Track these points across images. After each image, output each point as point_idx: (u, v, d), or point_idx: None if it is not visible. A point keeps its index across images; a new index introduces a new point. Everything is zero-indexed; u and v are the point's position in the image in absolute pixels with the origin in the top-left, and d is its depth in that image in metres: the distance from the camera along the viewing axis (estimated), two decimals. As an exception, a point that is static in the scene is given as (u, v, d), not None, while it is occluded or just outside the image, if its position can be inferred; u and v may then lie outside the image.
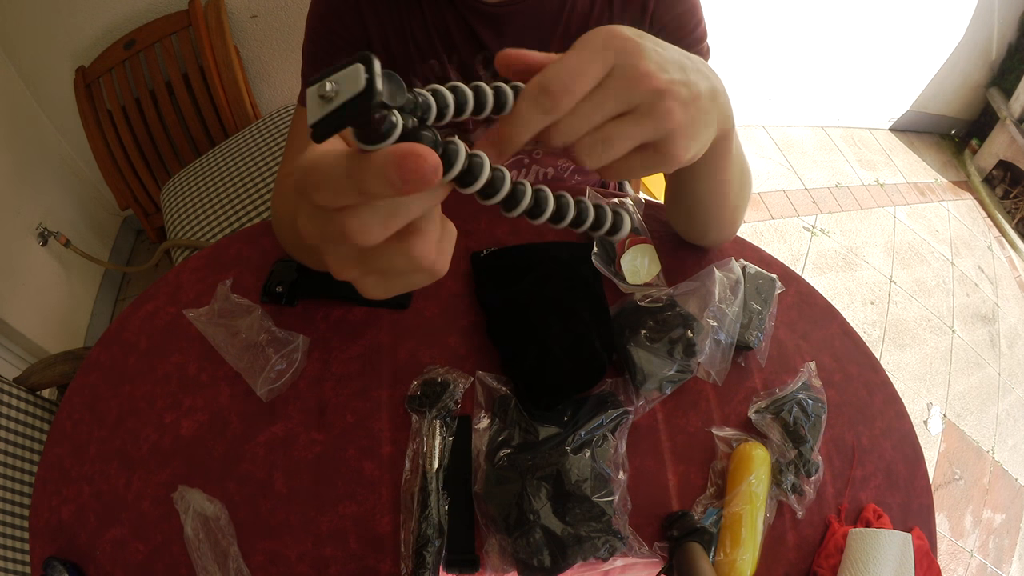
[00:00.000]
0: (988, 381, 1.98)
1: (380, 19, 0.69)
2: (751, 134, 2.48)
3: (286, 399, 0.67)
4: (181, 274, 0.76)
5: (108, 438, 0.65)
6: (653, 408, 0.68)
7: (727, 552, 0.60)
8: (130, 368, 0.69)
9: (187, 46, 1.38)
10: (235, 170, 1.37)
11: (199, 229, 1.30)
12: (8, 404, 0.89)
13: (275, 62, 1.60)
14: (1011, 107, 2.40)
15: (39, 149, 1.54)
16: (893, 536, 0.60)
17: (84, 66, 1.39)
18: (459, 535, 0.60)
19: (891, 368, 1.88)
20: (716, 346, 0.69)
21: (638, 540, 0.60)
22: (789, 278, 0.79)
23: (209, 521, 0.59)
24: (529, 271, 0.73)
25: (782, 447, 0.65)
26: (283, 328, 0.68)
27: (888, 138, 2.72)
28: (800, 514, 0.64)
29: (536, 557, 0.57)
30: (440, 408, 0.65)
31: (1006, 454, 1.83)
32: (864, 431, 0.70)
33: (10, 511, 0.84)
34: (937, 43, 2.39)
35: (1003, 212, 2.49)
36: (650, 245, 0.75)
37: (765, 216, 2.20)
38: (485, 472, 0.62)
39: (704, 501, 0.63)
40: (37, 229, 1.47)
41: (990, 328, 2.13)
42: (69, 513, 0.61)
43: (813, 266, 2.09)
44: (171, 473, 0.63)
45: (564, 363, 0.65)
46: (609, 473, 0.62)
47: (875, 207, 2.36)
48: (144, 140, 1.48)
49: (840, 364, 0.75)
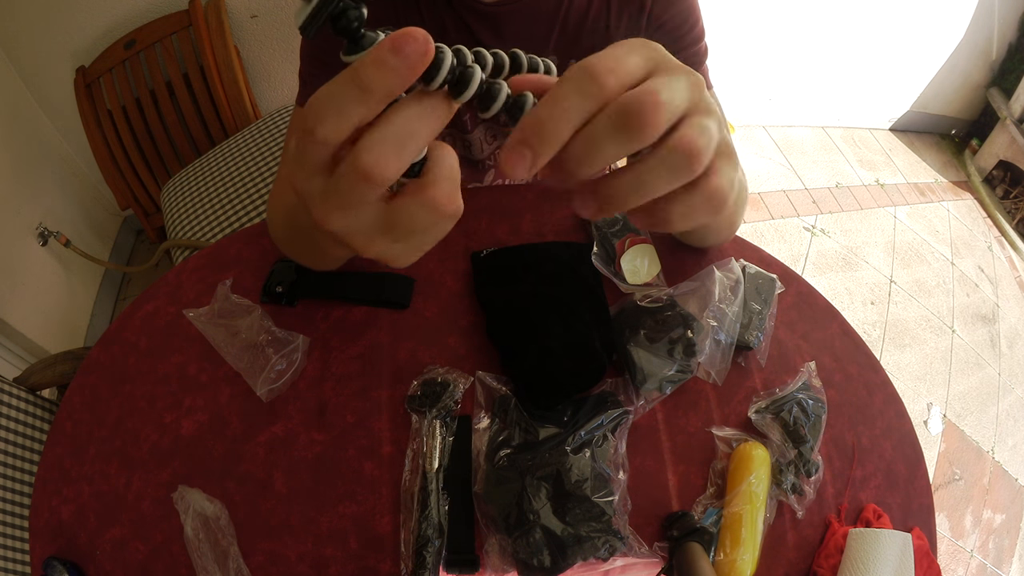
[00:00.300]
0: (988, 381, 1.98)
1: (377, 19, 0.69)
2: (751, 134, 2.48)
3: (286, 399, 0.67)
4: (181, 274, 0.76)
5: (108, 438, 0.65)
6: (653, 408, 0.68)
7: (727, 552, 0.60)
8: (130, 368, 0.69)
9: (187, 46, 1.38)
10: (235, 170, 1.37)
11: (199, 229, 1.30)
12: (8, 404, 0.89)
13: (275, 62, 1.60)
14: (1011, 107, 2.40)
15: (39, 149, 1.54)
16: (893, 536, 0.60)
17: (84, 66, 1.39)
18: (459, 535, 0.60)
19: (891, 368, 1.88)
20: (716, 346, 0.69)
21: (638, 540, 0.60)
22: (789, 278, 0.79)
23: (209, 521, 0.59)
24: (529, 271, 0.73)
25: (782, 447, 0.65)
26: (283, 328, 0.68)
27: (888, 138, 2.72)
28: (800, 514, 0.64)
29: (536, 557, 0.57)
30: (440, 408, 0.65)
31: (1006, 454, 1.83)
32: (864, 431, 0.70)
33: (10, 511, 0.84)
34: (937, 43, 2.39)
35: (1003, 212, 2.49)
36: (650, 245, 0.75)
37: (765, 216, 2.20)
38: (485, 472, 0.62)
39: (704, 501, 0.63)
40: (37, 229, 1.47)
41: (990, 328, 2.13)
42: (69, 513, 0.61)
43: (813, 266, 2.09)
44: (171, 473, 0.63)
45: (564, 363, 0.65)
46: (609, 473, 0.62)
47: (875, 207, 2.36)
48: (144, 140, 1.48)
49: (840, 364, 0.75)
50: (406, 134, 0.24)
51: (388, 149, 0.24)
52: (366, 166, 0.24)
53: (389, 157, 0.24)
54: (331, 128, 0.24)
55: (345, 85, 0.23)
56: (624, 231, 0.77)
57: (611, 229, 0.77)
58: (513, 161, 0.24)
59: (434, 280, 0.75)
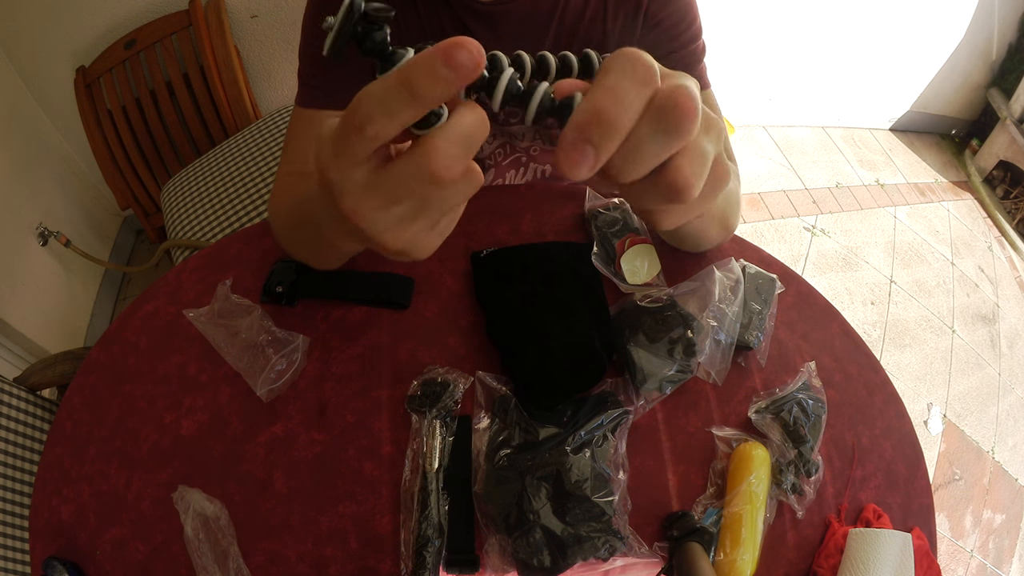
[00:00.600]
0: (988, 381, 1.98)
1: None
2: (751, 134, 2.48)
3: (286, 399, 0.67)
4: (181, 274, 0.76)
5: (108, 438, 0.65)
6: (653, 408, 0.68)
7: (727, 552, 0.60)
8: (130, 368, 0.69)
9: (187, 46, 1.38)
10: (235, 170, 1.37)
11: (199, 229, 1.30)
12: (8, 404, 0.89)
13: (275, 62, 1.60)
14: (1011, 107, 2.40)
15: (39, 149, 1.54)
16: (893, 536, 0.60)
17: (84, 66, 1.39)
18: (459, 535, 0.60)
19: (891, 368, 1.88)
20: (716, 346, 0.69)
21: (638, 540, 0.60)
22: (789, 278, 0.79)
23: (209, 521, 0.59)
24: (529, 271, 0.73)
25: (782, 447, 0.65)
26: (283, 328, 0.68)
27: (888, 138, 2.72)
28: (800, 514, 0.64)
29: (536, 557, 0.57)
30: (440, 408, 0.65)
31: (1006, 454, 1.83)
32: (864, 431, 0.70)
33: (10, 511, 0.84)
34: (937, 43, 2.39)
35: (1003, 212, 2.49)
36: (650, 245, 0.75)
37: (765, 216, 2.20)
38: (485, 472, 0.62)
39: (704, 501, 0.63)
40: (37, 229, 1.47)
41: (990, 328, 2.13)
42: (69, 513, 0.61)
43: (813, 266, 2.09)
44: (171, 473, 0.63)
45: (564, 363, 0.65)
46: (609, 473, 0.62)
47: (875, 207, 2.36)
48: (144, 140, 1.48)
49: (840, 364, 0.75)
50: (470, 139, 0.25)
51: (457, 152, 0.25)
52: (438, 167, 0.25)
53: (458, 160, 0.25)
54: (380, 127, 0.24)
55: (396, 88, 0.24)
56: (624, 231, 0.77)
57: (611, 229, 0.77)
58: (574, 160, 0.24)
59: (434, 280, 0.75)
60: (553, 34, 0.71)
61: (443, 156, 0.25)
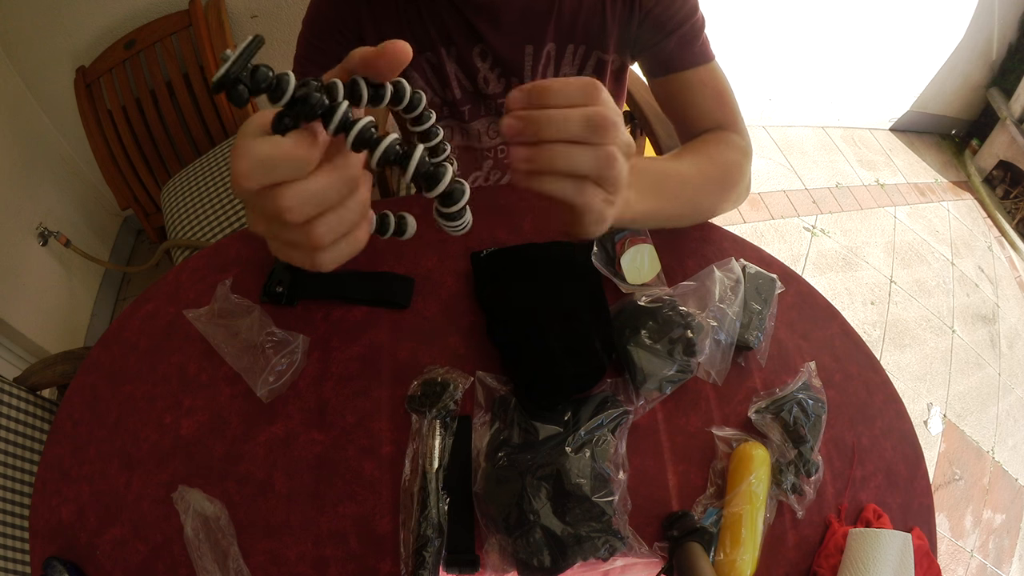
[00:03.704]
0: (988, 381, 1.98)
1: (375, 12, 0.70)
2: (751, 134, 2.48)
3: (286, 399, 0.67)
4: (181, 274, 0.76)
5: (108, 438, 0.65)
6: (653, 408, 0.68)
7: (727, 552, 0.60)
8: (130, 368, 0.69)
9: (187, 46, 1.38)
10: (235, 170, 1.36)
11: (199, 229, 1.30)
12: (8, 404, 0.89)
13: (275, 62, 1.59)
14: (1011, 107, 2.40)
15: (39, 149, 1.54)
16: (893, 536, 0.60)
17: (84, 66, 1.39)
18: (459, 535, 0.60)
19: (891, 368, 1.88)
20: (716, 346, 0.69)
21: (638, 540, 0.60)
22: (789, 278, 0.79)
23: (209, 521, 0.59)
24: (529, 271, 0.73)
25: (782, 447, 0.65)
26: (283, 328, 0.68)
27: (888, 138, 2.72)
28: (800, 514, 0.64)
29: (536, 557, 0.57)
30: (440, 408, 0.65)
31: (1006, 454, 1.83)
32: (864, 431, 0.70)
33: (10, 511, 0.84)
34: (937, 43, 2.39)
35: (1003, 212, 2.49)
36: (650, 245, 0.75)
37: (765, 216, 2.20)
38: (485, 472, 0.62)
39: (704, 501, 0.63)
40: (37, 229, 1.47)
41: (990, 328, 2.13)
42: (69, 513, 0.61)
43: (813, 266, 2.09)
44: (171, 473, 0.63)
45: (564, 363, 0.65)
46: (609, 473, 0.62)
47: (875, 207, 2.36)
48: (144, 140, 1.48)
49: (840, 364, 0.75)
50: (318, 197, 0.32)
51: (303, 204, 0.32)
52: (281, 211, 0.31)
53: (306, 207, 0.31)
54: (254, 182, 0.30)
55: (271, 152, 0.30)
56: (624, 231, 0.77)
57: (611, 229, 0.77)
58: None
59: (434, 280, 0.75)
60: (553, 24, 0.72)
61: (288, 200, 0.30)
